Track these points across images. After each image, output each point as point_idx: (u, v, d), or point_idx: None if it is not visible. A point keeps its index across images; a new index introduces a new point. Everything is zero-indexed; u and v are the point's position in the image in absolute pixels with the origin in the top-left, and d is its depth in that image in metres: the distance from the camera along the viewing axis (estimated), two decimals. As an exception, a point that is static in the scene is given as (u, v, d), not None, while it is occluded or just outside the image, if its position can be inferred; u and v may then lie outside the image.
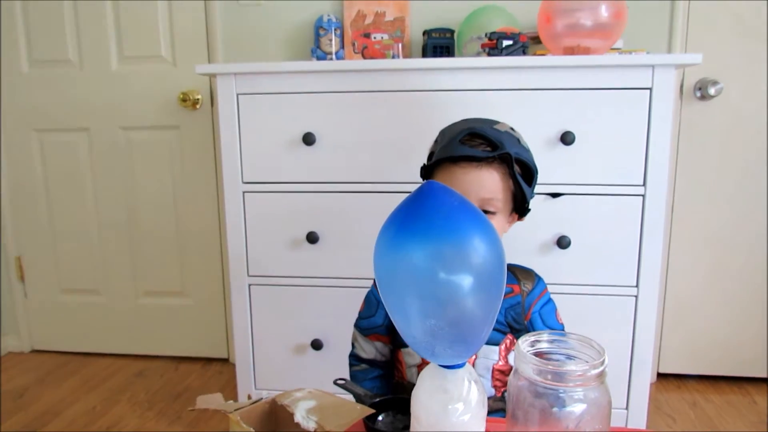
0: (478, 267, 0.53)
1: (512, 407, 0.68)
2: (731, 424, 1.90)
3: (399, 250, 0.54)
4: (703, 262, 2.10)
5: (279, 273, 1.58)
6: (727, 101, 1.96)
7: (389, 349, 1.07)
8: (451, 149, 0.94)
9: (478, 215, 0.56)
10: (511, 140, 0.96)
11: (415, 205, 0.56)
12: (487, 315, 0.55)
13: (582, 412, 0.64)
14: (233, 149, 1.55)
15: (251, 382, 1.66)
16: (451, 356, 0.56)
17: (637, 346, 1.52)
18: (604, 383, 0.65)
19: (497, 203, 0.94)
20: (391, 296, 0.57)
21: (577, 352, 0.69)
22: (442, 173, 0.96)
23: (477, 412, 0.58)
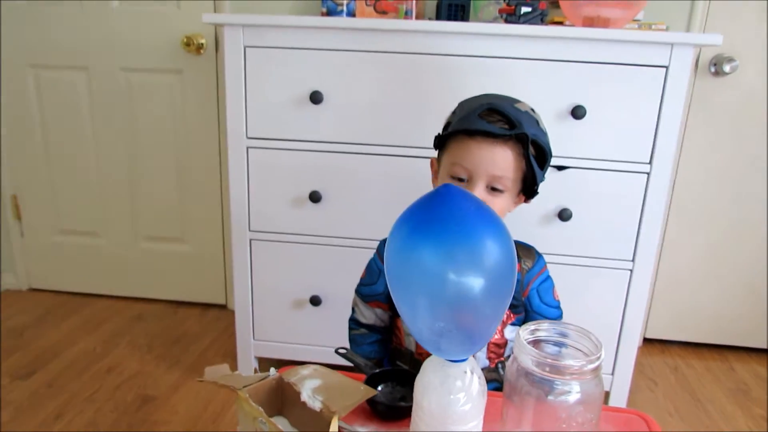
0: (490, 269, 0.54)
1: (509, 390, 0.71)
2: (709, 389, 1.98)
3: (412, 251, 0.55)
4: (698, 236, 2.12)
5: (280, 230, 1.60)
6: (741, 79, 1.94)
7: (388, 315, 1.10)
8: (468, 122, 0.93)
9: (493, 219, 0.56)
10: (530, 121, 0.95)
11: (430, 208, 0.56)
12: (496, 314, 0.57)
13: (575, 402, 0.67)
14: (238, 103, 1.53)
15: (250, 334, 1.70)
16: (457, 353, 0.58)
17: (628, 317, 1.56)
18: (599, 376, 0.68)
19: (507, 182, 0.94)
20: (401, 294, 0.58)
21: (575, 343, 0.72)
22: (456, 145, 0.96)
23: (477, 402, 0.60)
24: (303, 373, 0.69)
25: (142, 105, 2.17)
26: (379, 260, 1.07)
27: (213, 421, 1.66)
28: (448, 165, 0.97)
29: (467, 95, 1.43)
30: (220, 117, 2.14)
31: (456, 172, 0.95)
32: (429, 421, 0.60)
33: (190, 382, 1.85)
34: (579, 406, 0.67)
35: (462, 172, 0.94)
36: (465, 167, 0.93)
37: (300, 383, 0.67)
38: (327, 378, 0.68)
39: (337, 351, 0.99)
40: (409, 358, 1.04)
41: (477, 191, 0.93)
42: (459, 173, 0.94)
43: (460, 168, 0.94)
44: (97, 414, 1.66)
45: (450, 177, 0.96)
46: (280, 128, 1.53)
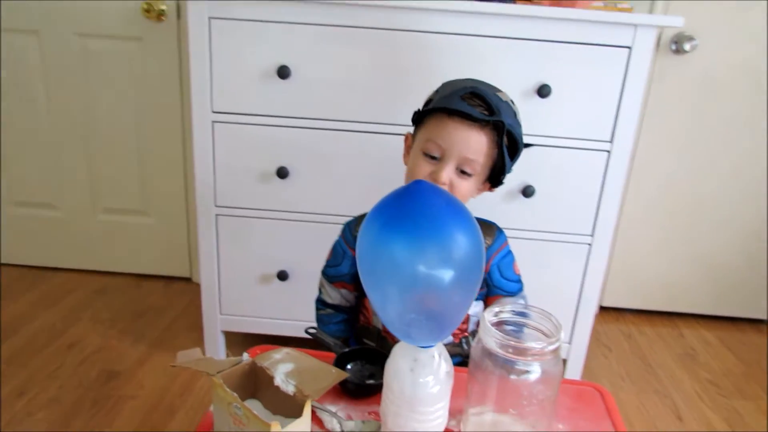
0: (459, 261, 0.56)
1: (473, 368, 0.75)
2: (659, 355, 2.08)
3: (384, 246, 0.56)
4: (653, 209, 2.20)
5: (247, 205, 1.59)
6: (700, 58, 1.99)
7: (354, 296, 1.12)
8: (449, 101, 0.94)
9: (462, 213, 0.58)
10: (508, 111, 0.97)
11: (401, 204, 0.57)
12: (465, 303, 0.59)
13: (536, 380, 0.70)
14: (203, 76, 1.50)
15: (216, 308, 1.71)
16: (426, 339, 0.61)
17: (586, 289, 1.62)
18: (558, 356, 0.71)
19: (476, 166, 0.96)
20: (373, 286, 0.60)
21: (537, 324, 0.75)
22: (434, 122, 0.97)
23: (445, 384, 0.63)
24: (275, 357, 0.71)
25: (99, 73, 2.10)
26: (344, 242, 1.09)
27: (180, 395, 1.67)
28: (422, 141, 0.98)
29: (436, 72, 1.45)
30: (182, 87, 2.09)
31: (429, 148, 0.96)
32: (399, 403, 0.63)
33: (156, 356, 1.85)
34: (539, 385, 0.70)
35: (435, 150, 0.96)
36: (439, 145, 0.95)
37: (273, 367, 0.68)
38: (299, 362, 0.70)
39: (307, 331, 1.01)
40: (376, 335, 1.07)
41: (446, 171, 0.94)
42: (432, 150, 0.96)
43: (434, 145, 0.95)
44: (61, 390, 1.65)
45: (423, 153, 0.97)
46: (247, 103, 1.51)
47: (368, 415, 0.81)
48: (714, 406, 1.80)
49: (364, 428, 0.77)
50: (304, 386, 0.65)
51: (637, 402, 1.78)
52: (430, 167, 0.96)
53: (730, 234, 2.22)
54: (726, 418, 1.74)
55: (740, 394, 1.87)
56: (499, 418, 0.75)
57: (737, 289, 2.30)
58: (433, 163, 0.96)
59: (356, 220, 1.10)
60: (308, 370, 0.69)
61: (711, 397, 1.84)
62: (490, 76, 1.42)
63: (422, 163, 0.97)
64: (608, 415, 0.86)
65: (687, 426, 1.69)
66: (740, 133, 2.09)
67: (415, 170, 0.97)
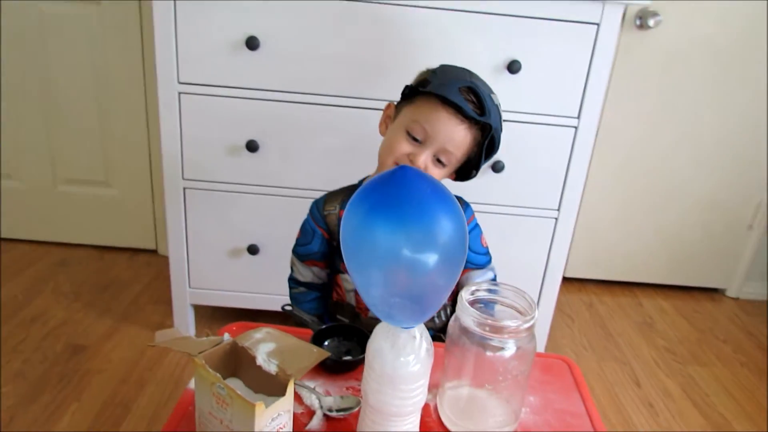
0: (444, 246, 0.57)
1: (450, 344, 0.77)
2: (619, 324, 2.16)
3: (369, 230, 0.56)
4: (615, 181, 2.26)
5: (216, 179, 1.57)
6: (664, 33, 2.02)
7: (326, 273, 1.13)
8: (447, 91, 0.94)
9: (446, 198, 0.59)
10: (497, 115, 0.99)
11: (387, 189, 0.58)
12: (448, 286, 0.60)
13: (510, 356, 0.73)
14: (168, 45, 1.45)
15: (185, 282, 1.69)
16: (408, 321, 0.62)
17: (551, 261, 1.67)
18: (532, 333, 0.74)
19: (453, 159, 0.98)
20: (357, 269, 0.60)
21: (511, 302, 0.78)
22: (426, 105, 0.97)
23: (425, 363, 0.65)
24: (256, 337, 0.71)
25: (56, 38, 2.01)
26: (312, 221, 1.10)
27: (150, 369, 1.66)
28: (409, 120, 0.98)
29: (407, 48, 1.44)
30: (144, 54, 2.03)
31: (414, 129, 0.97)
32: (380, 381, 0.64)
33: (123, 329, 1.83)
34: (514, 361, 0.73)
35: (419, 133, 0.96)
36: (425, 129, 0.96)
37: (254, 347, 0.69)
38: (280, 341, 0.71)
39: (284, 308, 1.01)
40: (350, 311, 1.08)
41: (424, 156, 0.96)
42: (416, 132, 0.96)
43: (420, 128, 0.96)
44: (25, 365, 1.63)
45: (405, 131, 0.98)
46: (215, 74, 1.48)
47: (346, 390, 0.83)
48: (670, 373, 1.88)
49: (343, 404, 0.79)
50: (286, 366, 0.66)
51: (598, 369, 1.86)
52: (410, 148, 0.97)
53: (688, 207, 2.30)
54: (681, 384, 1.83)
55: (695, 360, 1.97)
56: (475, 392, 0.78)
57: (693, 259, 2.39)
58: (414, 145, 0.97)
59: (324, 198, 1.10)
60: (289, 350, 0.69)
61: (667, 364, 1.93)
62: (461, 50, 1.44)
63: (403, 141, 0.97)
64: (576, 387, 0.90)
65: (644, 392, 1.77)
66: (700, 108, 2.15)
67: (394, 146, 0.98)
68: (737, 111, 2.15)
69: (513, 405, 0.76)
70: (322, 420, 0.77)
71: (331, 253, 1.10)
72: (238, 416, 0.62)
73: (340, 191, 1.10)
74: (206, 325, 1.88)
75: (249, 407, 0.60)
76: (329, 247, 1.10)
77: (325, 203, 1.09)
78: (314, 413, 0.78)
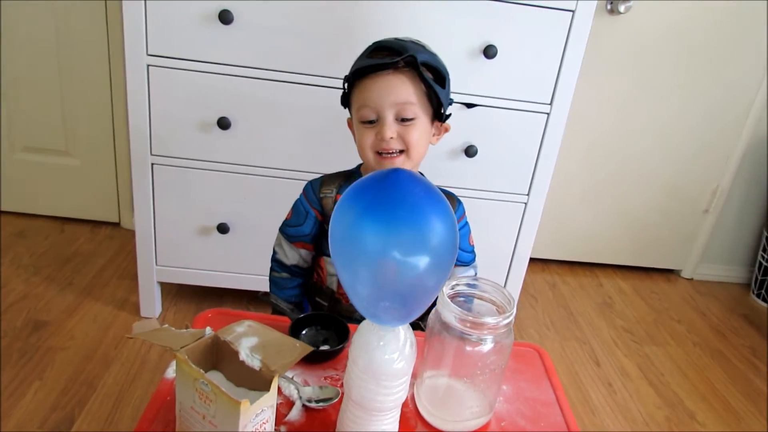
0: (436, 248, 0.57)
1: (430, 336, 0.78)
2: (580, 303, 2.23)
3: (359, 232, 0.56)
4: (581, 165, 2.30)
5: (186, 155, 1.53)
6: (634, 19, 2.05)
7: (312, 255, 1.12)
8: (358, 65, 0.95)
9: (439, 200, 0.59)
10: (415, 47, 0.96)
11: (380, 192, 0.57)
12: (437, 287, 0.61)
13: (489, 351, 0.74)
14: (137, 15, 1.40)
15: (152, 259, 1.66)
16: (394, 321, 0.62)
17: (519, 246, 1.70)
18: (510, 328, 0.75)
19: (413, 108, 0.95)
20: (345, 269, 0.60)
21: (490, 296, 0.79)
22: (356, 91, 0.97)
23: (409, 359, 0.66)
24: (238, 331, 0.71)
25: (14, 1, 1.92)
26: (307, 202, 1.07)
27: (115, 347, 1.64)
28: (356, 113, 0.98)
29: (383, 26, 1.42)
30: (109, 20, 1.95)
31: (364, 115, 0.96)
32: (365, 377, 0.65)
33: (86, 305, 1.79)
34: (492, 355, 0.74)
35: (370, 114, 0.96)
36: (369, 106, 0.95)
37: (236, 341, 0.68)
38: (262, 335, 0.70)
39: (261, 296, 1.00)
40: (329, 295, 1.08)
41: (388, 125, 0.94)
42: (368, 115, 0.96)
43: (366, 110, 0.95)
44: (-15, 341, 1.59)
45: (361, 123, 0.97)
46: (187, 47, 1.43)
47: (324, 380, 0.83)
48: (628, 352, 1.96)
49: (322, 394, 0.80)
50: (269, 361, 0.66)
51: (560, 349, 1.92)
52: (372, 133, 0.96)
53: (648, 191, 2.37)
54: (638, 363, 1.90)
55: (651, 340, 2.05)
56: (453, 383, 0.79)
57: (652, 241, 2.47)
58: (374, 127, 0.96)
59: (321, 180, 1.07)
60: (272, 344, 0.69)
61: (625, 344, 2.00)
62: (440, 32, 1.43)
63: (365, 132, 0.97)
64: (547, 376, 0.92)
65: (603, 371, 1.84)
66: (666, 94, 2.19)
67: (362, 141, 0.97)
68: (699, 100, 2.21)
69: (489, 396, 0.78)
70: (301, 410, 0.77)
71: (321, 235, 1.08)
72: (222, 412, 0.62)
73: (337, 175, 1.08)
74: (172, 303, 1.86)
75: (234, 404, 0.60)
76: (320, 229, 1.08)
77: (321, 185, 1.06)
78: (293, 404, 0.78)
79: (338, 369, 0.86)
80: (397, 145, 0.96)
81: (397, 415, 0.70)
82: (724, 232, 2.49)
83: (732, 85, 2.20)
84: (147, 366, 1.58)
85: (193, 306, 1.86)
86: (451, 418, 0.78)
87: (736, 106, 2.24)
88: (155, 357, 1.62)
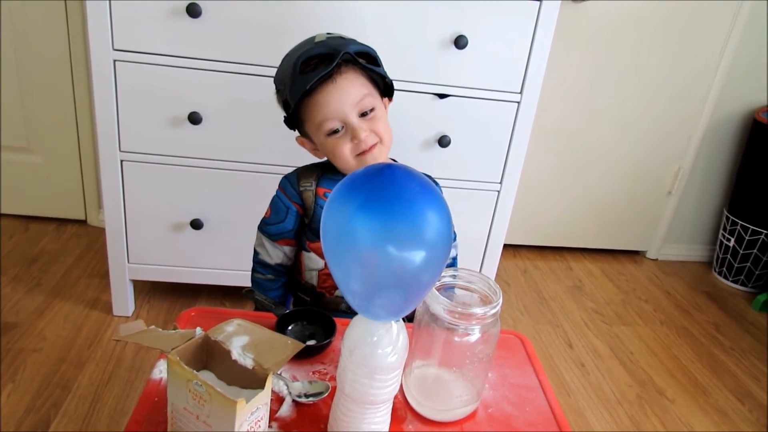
0: (431, 243, 0.58)
1: (417, 327, 0.79)
2: (551, 287, 2.28)
3: (354, 229, 0.56)
4: (549, 152, 2.34)
5: (156, 151, 1.51)
6: (595, 8, 2.08)
7: (295, 250, 1.11)
8: (300, 86, 0.92)
9: (435, 195, 0.59)
10: (337, 41, 0.95)
11: (374, 188, 0.57)
12: (432, 281, 0.61)
13: (476, 340, 0.76)
14: (101, 9, 1.36)
15: (124, 257, 1.63)
16: (388, 316, 0.63)
17: (493, 233, 1.72)
18: (497, 318, 0.77)
19: (369, 98, 0.96)
20: (339, 269, 0.59)
21: (476, 287, 0.80)
22: (308, 109, 0.96)
23: (402, 352, 0.67)
24: (228, 330, 0.70)
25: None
26: (286, 198, 1.05)
27: (89, 347, 1.61)
28: (317, 128, 0.97)
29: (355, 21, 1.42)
30: (68, 16, 1.89)
31: (329, 127, 0.95)
32: (358, 372, 0.65)
33: (56, 305, 1.76)
34: (480, 344, 0.76)
35: (335, 124, 0.95)
36: (332, 118, 0.94)
37: (228, 341, 0.68)
38: (253, 334, 0.70)
39: (245, 292, 1.00)
40: (310, 290, 1.08)
41: (358, 127, 0.94)
42: (333, 126, 0.95)
43: (329, 122, 0.95)
44: (-49, 346, 1.54)
45: (327, 136, 0.96)
46: (154, 42, 1.40)
47: (313, 374, 0.84)
48: (599, 333, 2.01)
49: (312, 389, 0.80)
50: (262, 359, 0.66)
51: (534, 333, 1.96)
52: (346, 139, 0.96)
53: (613, 175, 2.42)
54: (609, 344, 1.96)
55: (620, 320, 2.11)
56: (441, 372, 0.81)
57: (618, 224, 2.54)
58: (344, 134, 0.96)
59: (296, 173, 1.06)
60: (264, 342, 0.69)
61: (596, 325, 2.06)
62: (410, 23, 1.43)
63: (338, 143, 0.96)
64: (529, 362, 0.95)
65: (576, 352, 1.89)
66: (628, 80, 2.24)
67: (338, 152, 0.96)
68: (659, 84, 2.27)
69: (477, 385, 0.80)
70: (291, 406, 0.78)
71: (301, 229, 1.08)
72: (217, 412, 0.62)
73: (312, 167, 1.07)
74: (145, 300, 1.83)
75: (230, 404, 0.60)
76: (301, 224, 1.08)
77: (299, 179, 1.05)
78: (283, 399, 0.78)
79: (326, 363, 0.87)
80: (372, 138, 0.96)
81: (389, 408, 0.71)
82: (686, 213, 2.57)
83: (690, 70, 2.26)
84: (122, 365, 1.56)
85: (167, 303, 1.84)
86: (439, 407, 0.79)
87: (695, 90, 2.31)
88: (130, 355, 1.60)
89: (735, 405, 1.75)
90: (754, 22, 2.20)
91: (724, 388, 1.82)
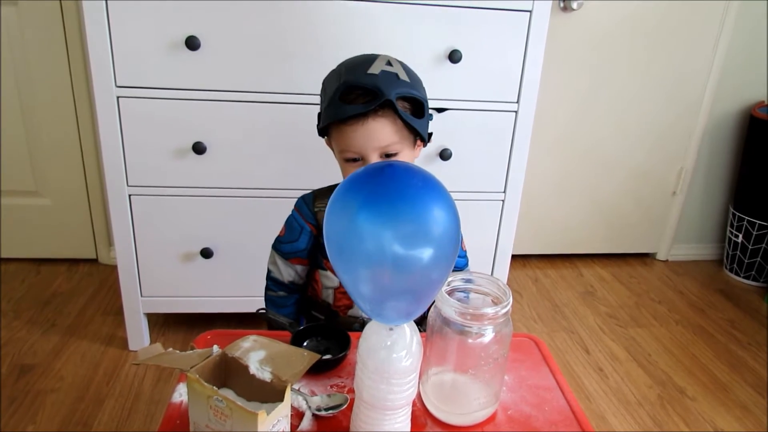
0: (438, 240, 0.58)
1: (431, 333, 0.80)
2: (563, 294, 2.27)
3: (359, 230, 0.56)
4: (551, 160, 2.35)
5: (163, 183, 1.53)
6: (587, 15, 2.12)
7: (308, 270, 1.12)
8: (334, 112, 0.92)
9: (439, 190, 0.59)
10: (388, 80, 0.92)
11: (378, 187, 0.57)
12: (441, 280, 0.62)
13: (490, 341, 0.76)
14: (103, 48, 1.40)
15: (137, 291, 1.65)
16: (400, 319, 0.64)
17: (501, 242, 1.73)
18: (508, 317, 0.78)
19: (396, 146, 0.95)
20: (345, 270, 0.60)
21: (486, 289, 0.81)
22: (335, 133, 0.96)
23: (417, 356, 0.67)
24: (245, 346, 0.71)
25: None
26: (301, 218, 1.07)
27: (107, 383, 1.61)
28: (339, 152, 0.98)
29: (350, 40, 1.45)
30: (70, 56, 1.94)
31: (348, 156, 0.96)
32: (375, 378, 0.66)
33: (72, 344, 1.77)
34: (494, 345, 0.77)
35: (353, 155, 0.96)
36: (354, 151, 0.95)
37: (245, 356, 0.69)
38: (269, 348, 0.71)
39: (259, 312, 1.01)
40: (326, 309, 1.09)
41: None
42: (351, 156, 0.96)
43: (349, 152, 0.96)
44: (-29, 392, 1.55)
45: (345, 161, 0.97)
46: (155, 76, 1.43)
47: (330, 388, 0.84)
48: (614, 337, 2.00)
49: (331, 402, 0.81)
50: (279, 372, 0.67)
51: (549, 341, 1.95)
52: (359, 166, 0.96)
53: (618, 178, 2.43)
54: (625, 346, 1.95)
55: (635, 322, 2.10)
56: (458, 377, 0.81)
57: (626, 227, 2.54)
58: (361, 164, 0.96)
59: (312, 195, 1.07)
60: (280, 356, 0.70)
61: (611, 329, 2.05)
62: (404, 40, 1.46)
63: (350, 168, 0.97)
64: (545, 363, 0.95)
65: (593, 357, 1.88)
66: (624, 83, 2.26)
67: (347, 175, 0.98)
68: (656, 86, 2.29)
69: (494, 387, 0.80)
70: (311, 420, 0.78)
71: (315, 248, 1.09)
72: (240, 426, 0.63)
73: (328, 189, 1.08)
74: (160, 333, 1.84)
75: (251, 417, 0.61)
76: (315, 243, 1.08)
77: (315, 199, 1.06)
78: (303, 414, 0.79)
79: (342, 376, 0.87)
80: None
81: (408, 413, 0.72)
82: (693, 212, 2.57)
83: (685, 69, 2.28)
84: (141, 398, 1.57)
85: (182, 334, 1.84)
86: (459, 412, 0.79)
87: (692, 89, 2.32)
88: (148, 389, 1.60)
89: (756, 399, 1.73)
90: (742, 20, 2.23)
91: (744, 383, 1.80)
